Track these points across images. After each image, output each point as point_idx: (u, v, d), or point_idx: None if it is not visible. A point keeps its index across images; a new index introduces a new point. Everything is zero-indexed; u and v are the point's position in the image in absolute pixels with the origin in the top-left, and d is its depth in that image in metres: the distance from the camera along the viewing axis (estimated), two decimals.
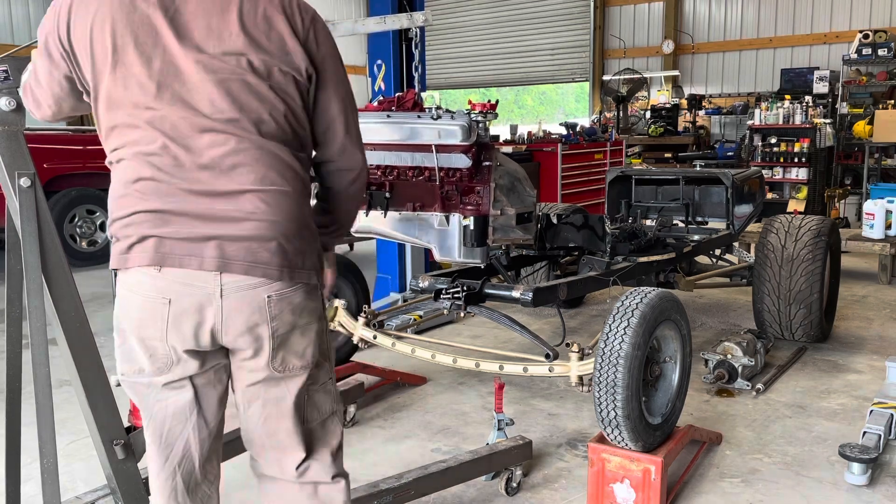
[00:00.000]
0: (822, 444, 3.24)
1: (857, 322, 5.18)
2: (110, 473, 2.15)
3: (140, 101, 1.52)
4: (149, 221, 1.51)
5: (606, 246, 3.81)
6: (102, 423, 2.12)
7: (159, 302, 1.53)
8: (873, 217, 6.36)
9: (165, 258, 1.51)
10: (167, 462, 1.63)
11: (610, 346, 2.54)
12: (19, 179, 1.89)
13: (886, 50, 10.24)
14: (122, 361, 1.63)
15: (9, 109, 1.88)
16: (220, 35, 1.55)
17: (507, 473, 2.82)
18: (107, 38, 1.52)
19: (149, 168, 1.52)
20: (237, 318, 1.55)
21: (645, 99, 12.46)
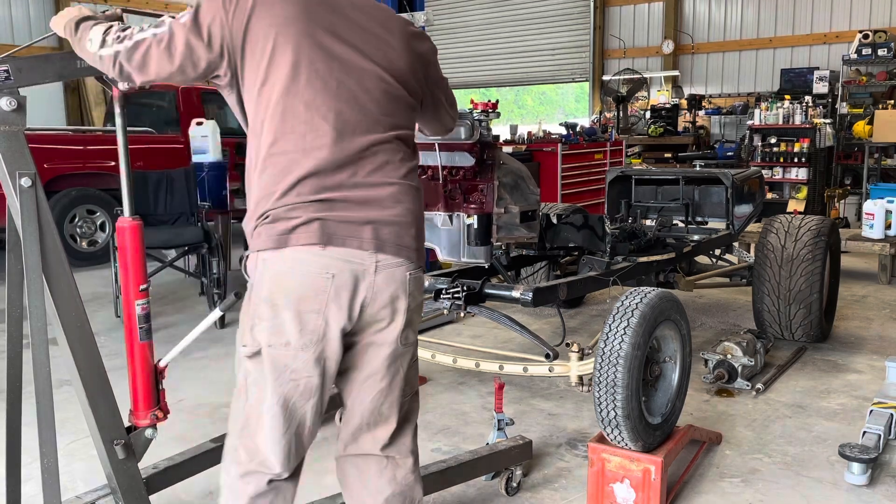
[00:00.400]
0: (822, 444, 3.25)
1: (857, 322, 5.18)
2: (111, 473, 2.16)
3: (312, 102, 1.74)
4: (314, 206, 1.71)
5: (606, 246, 3.81)
6: (103, 423, 2.12)
7: (323, 276, 1.71)
8: (873, 217, 6.36)
9: (331, 238, 1.71)
10: (285, 431, 1.79)
11: (610, 346, 2.54)
12: (20, 179, 1.89)
13: (886, 50, 10.24)
14: (270, 334, 1.74)
15: (10, 109, 1.87)
16: (382, 51, 1.83)
17: (507, 473, 2.82)
18: (290, 42, 1.73)
19: (314, 161, 1.72)
20: (384, 292, 1.78)
21: (645, 99, 12.46)
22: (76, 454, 3.23)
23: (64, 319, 2.03)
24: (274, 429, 1.78)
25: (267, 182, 1.75)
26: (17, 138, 1.90)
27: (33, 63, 1.94)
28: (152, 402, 2.30)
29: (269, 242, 1.73)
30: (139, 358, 2.28)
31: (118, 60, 1.76)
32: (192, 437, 3.23)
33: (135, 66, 1.75)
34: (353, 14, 1.82)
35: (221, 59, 1.76)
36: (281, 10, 1.74)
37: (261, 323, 1.76)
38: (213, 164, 6.43)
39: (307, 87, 1.73)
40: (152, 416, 2.29)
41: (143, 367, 2.29)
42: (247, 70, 1.77)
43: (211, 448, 2.75)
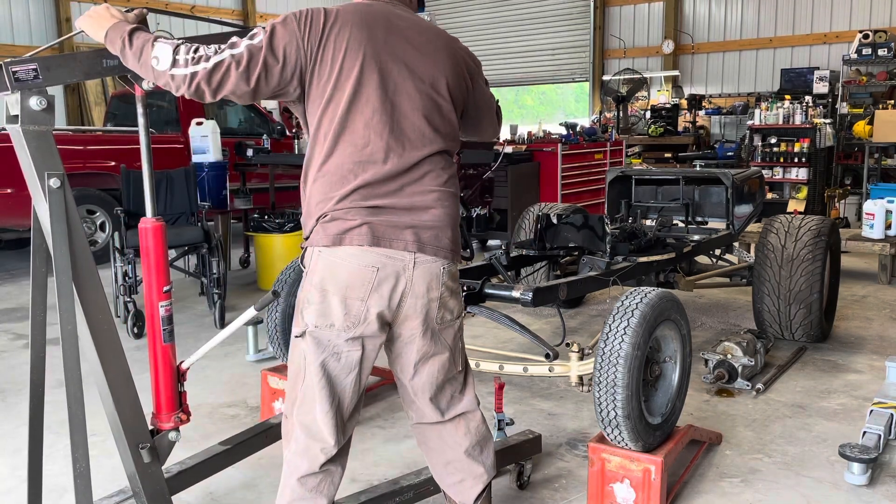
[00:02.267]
0: (822, 444, 3.25)
1: (857, 322, 5.18)
2: (135, 477, 2.14)
3: (370, 121, 1.96)
4: (366, 211, 1.97)
5: (606, 246, 3.81)
6: (129, 427, 2.11)
7: (369, 270, 1.97)
8: (873, 217, 6.36)
9: (378, 240, 1.96)
10: (331, 402, 2.03)
11: (610, 346, 2.54)
12: (49, 180, 1.88)
13: (886, 50, 10.24)
14: (317, 316, 1.99)
15: (39, 109, 1.85)
16: (432, 70, 2.05)
17: (519, 468, 2.86)
18: (356, 66, 1.94)
19: (370, 174, 1.96)
20: (421, 284, 2.04)
21: (645, 99, 12.46)
22: None
23: (92, 322, 2.00)
24: (323, 400, 2.01)
25: (327, 188, 1.98)
26: (46, 138, 1.88)
27: (61, 62, 1.92)
28: (175, 405, 2.29)
29: (325, 240, 1.97)
30: (162, 360, 2.27)
31: (196, 81, 1.87)
32: (191, 438, 3.23)
33: (213, 86, 1.88)
34: (409, 34, 2.04)
35: (293, 80, 1.95)
36: (351, 34, 1.94)
37: (309, 306, 2.00)
38: (213, 164, 6.44)
39: (367, 107, 1.95)
40: (175, 419, 2.28)
41: (166, 370, 2.28)
42: (314, 87, 1.97)
43: (221, 451, 2.73)
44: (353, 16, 1.98)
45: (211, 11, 13.46)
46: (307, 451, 2.05)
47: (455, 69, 2.12)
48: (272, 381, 3.45)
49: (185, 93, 1.89)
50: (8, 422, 3.57)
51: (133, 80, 2.06)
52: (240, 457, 2.81)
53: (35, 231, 2.02)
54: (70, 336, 1.93)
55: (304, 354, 2.02)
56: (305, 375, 2.02)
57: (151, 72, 1.89)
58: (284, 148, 8.15)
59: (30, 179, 1.90)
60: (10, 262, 7.92)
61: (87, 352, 2.04)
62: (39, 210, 1.95)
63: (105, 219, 7.48)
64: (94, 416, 3.37)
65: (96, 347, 2.02)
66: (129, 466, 2.15)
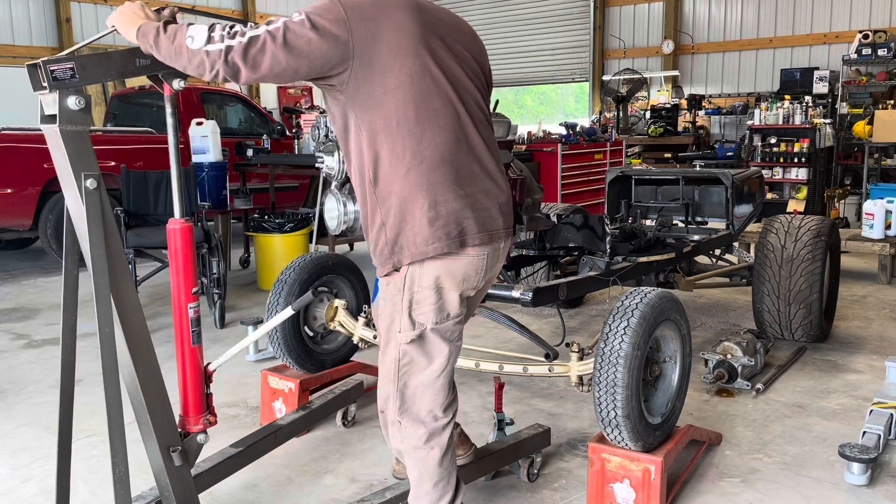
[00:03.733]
0: (822, 444, 3.25)
1: (856, 322, 5.19)
2: (165, 479, 2.12)
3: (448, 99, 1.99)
4: (468, 201, 2.03)
5: (606, 246, 3.81)
6: (160, 430, 2.08)
7: (481, 259, 2.07)
8: (873, 217, 6.36)
9: (490, 237, 2.07)
10: (452, 384, 2.18)
11: (610, 346, 2.54)
12: (86, 181, 1.85)
13: (886, 50, 10.24)
14: (436, 313, 2.05)
15: (77, 108, 1.83)
16: (471, 62, 2.10)
17: (529, 461, 2.92)
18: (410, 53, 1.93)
19: (460, 155, 2.02)
20: (503, 257, 2.21)
21: (645, 99, 12.47)
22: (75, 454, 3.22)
23: (125, 325, 1.98)
24: (447, 385, 2.13)
25: (425, 180, 1.97)
26: (84, 138, 1.86)
27: (97, 61, 1.90)
28: (203, 407, 2.28)
29: (443, 247, 1.99)
30: (190, 362, 2.25)
31: (230, 56, 1.79)
32: None
33: (249, 62, 1.80)
34: (452, 22, 2.09)
35: (341, 59, 1.87)
36: (403, 21, 1.92)
37: (423, 306, 2.04)
38: (213, 164, 6.45)
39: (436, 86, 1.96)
40: (204, 421, 2.26)
41: (193, 372, 2.25)
42: (367, 70, 1.89)
43: (234, 454, 2.71)
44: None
45: (211, 11, 13.46)
46: (438, 436, 2.12)
47: (483, 63, 2.18)
48: (272, 381, 3.45)
49: (221, 70, 1.80)
50: (8, 422, 3.57)
51: (163, 78, 2.04)
52: (251, 459, 2.80)
53: (68, 233, 1.99)
54: (108, 338, 1.91)
55: (403, 357, 2.08)
56: (429, 369, 2.09)
57: (186, 53, 1.82)
58: (284, 148, 8.16)
59: (65, 180, 1.87)
60: (10, 262, 7.92)
61: (120, 354, 2.01)
62: (74, 211, 1.91)
63: None
64: (94, 416, 3.38)
65: (129, 350, 1.99)
66: (159, 469, 2.12)
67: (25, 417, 3.64)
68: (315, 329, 3.48)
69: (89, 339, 4.95)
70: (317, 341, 3.51)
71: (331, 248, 5.90)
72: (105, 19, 2.25)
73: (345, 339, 3.54)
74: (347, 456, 3.17)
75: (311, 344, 3.46)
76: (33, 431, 3.45)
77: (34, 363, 4.49)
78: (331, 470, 3.05)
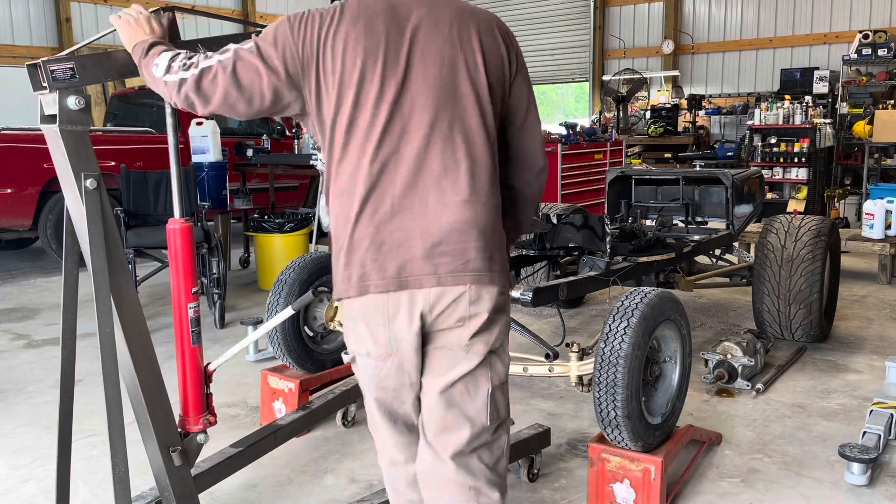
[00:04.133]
0: (822, 444, 3.25)
1: (856, 322, 5.18)
2: (165, 479, 2.11)
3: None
4: None
5: (606, 246, 3.81)
6: (160, 430, 2.08)
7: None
8: (873, 217, 6.36)
9: None
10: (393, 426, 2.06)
11: (610, 346, 2.54)
12: (86, 181, 1.85)
13: (886, 50, 10.24)
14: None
15: (77, 108, 1.82)
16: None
17: (529, 461, 2.93)
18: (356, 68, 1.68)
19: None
20: None
21: (645, 99, 12.46)
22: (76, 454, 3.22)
23: (125, 324, 1.97)
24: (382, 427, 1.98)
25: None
26: (83, 138, 1.86)
27: (97, 61, 1.89)
28: (203, 407, 2.28)
29: None
30: (190, 362, 2.24)
31: (183, 89, 1.70)
32: None
33: (202, 95, 1.69)
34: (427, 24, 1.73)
35: (290, 88, 1.70)
36: (351, 36, 1.68)
37: None
38: (213, 164, 6.44)
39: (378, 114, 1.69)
40: (204, 421, 2.26)
41: (193, 372, 2.25)
42: (322, 98, 1.71)
43: (234, 454, 2.70)
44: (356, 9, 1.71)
45: (211, 11, 13.45)
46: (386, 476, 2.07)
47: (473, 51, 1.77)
48: (272, 381, 3.45)
49: (177, 101, 1.74)
50: (8, 422, 3.57)
51: None
52: (251, 459, 2.79)
53: (68, 232, 1.98)
54: (108, 338, 1.91)
55: None
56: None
57: (151, 80, 1.78)
58: (284, 148, 8.16)
59: (65, 180, 1.87)
60: (10, 262, 7.92)
61: (120, 354, 2.00)
62: (74, 211, 1.91)
63: None
64: (94, 416, 3.38)
65: (129, 350, 1.99)
66: (159, 469, 2.11)
67: (25, 417, 3.64)
68: (315, 329, 3.48)
69: (89, 339, 4.95)
70: (317, 341, 3.51)
71: (331, 249, 5.89)
72: (105, 19, 2.24)
73: (339, 344, 3.54)
74: (347, 456, 3.17)
75: (310, 344, 3.46)
76: (33, 431, 3.45)
77: (34, 363, 4.49)
78: (331, 470, 3.05)
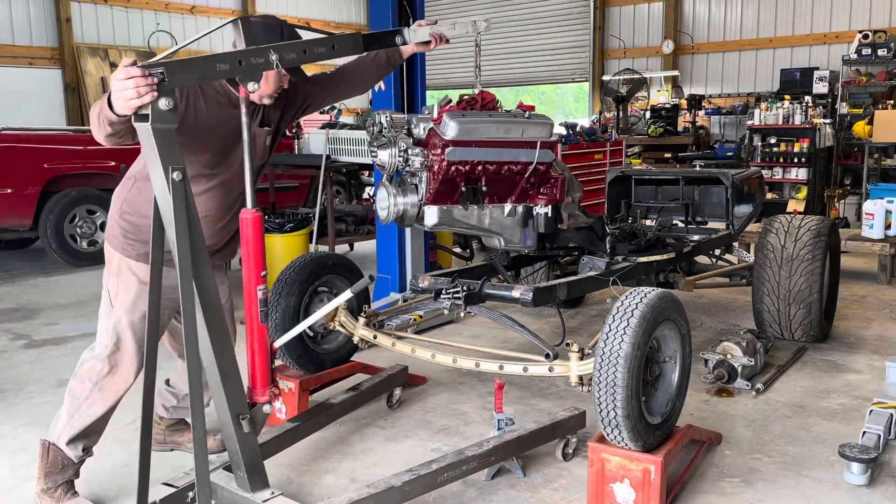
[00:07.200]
0: (821, 444, 3.25)
1: (856, 322, 5.19)
2: (235, 446, 2.35)
3: None
4: None
5: (606, 246, 3.81)
6: (233, 400, 2.30)
7: None
8: (873, 217, 6.36)
9: None
10: None
11: (610, 346, 2.54)
12: (173, 173, 2.05)
13: (886, 50, 10.24)
14: None
15: (167, 109, 2.01)
16: None
17: (564, 441, 3.09)
18: None
19: None
20: None
21: (645, 99, 12.45)
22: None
23: (204, 304, 2.17)
24: None
25: None
26: (171, 135, 2.07)
27: (182, 66, 2.07)
28: (269, 380, 2.54)
29: None
30: (258, 339, 2.50)
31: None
32: None
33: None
34: None
35: None
36: None
37: None
38: None
39: None
40: (270, 393, 2.53)
41: (261, 348, 2.52)
42: None
43: (290, 428, 2.96)
44: None
45: (211, 11, 13.46)
46: None
47: None
48: None
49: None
50: (8, 422, 3.57)
51: (240, 81, 2.23)
52: (305, 434, 3.06)
53: (155, 220, 2.17)
54: (190, 314, 2.11)
55: None
56: None
57: None
58: (284, 148, 8.14)
59: (154, 173, 2.08)
60: (10, 262, 7.92)
61: (201, 330, 2.21)
62: (161, 201, 2.11)
63: (105, 219, 7.49)
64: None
65: (207, 326, 2.19)
66: (229, 435, 2.34)
67: (25, 417, 3.64)
68: (315, 329, 3.48)
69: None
70: (317, 341, 3.51)
71: (331, 248, 5.90)
72: (105, 19, 2.31)
73: (345, 339, 3.54)
74: (348, 456, 3.17)
75: (311, 344, 3.46)
76: (33, 431, 3.45)
77: (34, 363, 4.49)
78: (331, 470, 3.05)
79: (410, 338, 3.48)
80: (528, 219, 3.39)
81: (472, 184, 3.16)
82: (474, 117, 3.07)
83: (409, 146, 2.99)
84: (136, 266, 2.62)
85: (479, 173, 3.15)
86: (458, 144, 3.01)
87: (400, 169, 3.03)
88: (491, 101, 3.24)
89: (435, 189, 3.05)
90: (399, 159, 2.98)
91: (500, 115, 3.18)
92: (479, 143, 3.08)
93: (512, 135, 3.17)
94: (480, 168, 3.14)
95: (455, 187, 3.11)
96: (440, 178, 3.02)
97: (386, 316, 3.63)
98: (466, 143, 3.03)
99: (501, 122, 3.15)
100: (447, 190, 3.10)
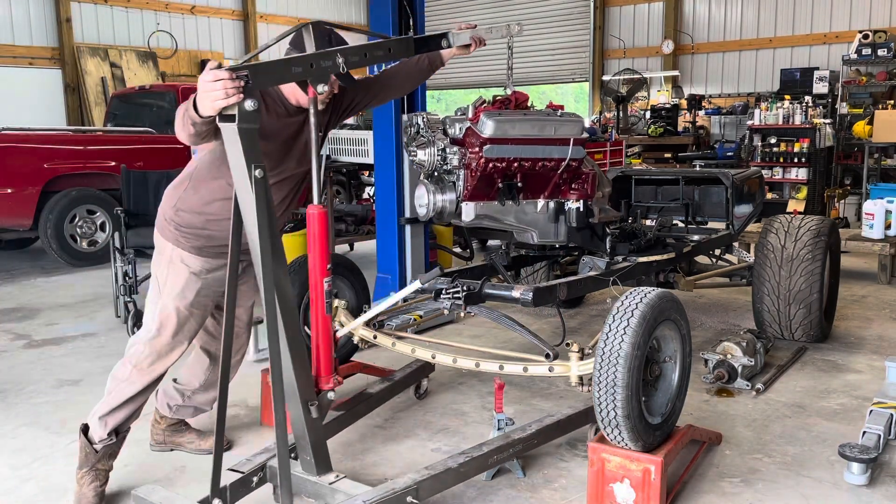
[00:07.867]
0: (821, 444, 3.25)
1: (856, 322, 5.19)
2: (303, 430, 2.47)
3: None
4: None
5: (606, 246, 3.81)
6: (303, 387, 2.43)
7: None
8: (873, 217, 6.36)
9: None
10: None
11: (610, 346, 2.54)
12: (255, 171, 2.16)
13: (886, 50, 10.25)
14: None
15: (251, 109, 2.11)
16: None
17: (595, 426, 3.03)
18: None
19: None
20: None
21: (645, 99, 12.46)
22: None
23: (280, 294, 2.29)
24: None
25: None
26: (254, 135, 2.17)
27: (262, 69, 2.20)
28: (332, 369, 2.65)
29: None
30: (322, 329, 2.61)
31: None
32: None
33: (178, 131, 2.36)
34: None
35: None
36: None
37: None
38: None
39: None
40: (333, 381, 2.63)
41: (325, 337, 2.62)
42: None
43: (336, 416, 3.07)
44: None
45: (211, 11, 13.46)
46: None
47: None
48: None
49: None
50: (8, 422, 3.57)
51: (311, 83, 2.35)
52: (349, 422, 3.18)
53: (234, 215, 2.28)
54: (271, 303, 2.25)
55: None
56: None
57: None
58: None
59: (237, 170, 2.19)
60: (10, 262, 7.92)
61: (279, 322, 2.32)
62: (242, 197, 2.22)
63: (105, 219, 7.49)
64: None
65: (282, 317, 2.31)
66: (298, 419, 2.47)
67: (25, 417, 3.64)
68: None
69: (90, 339, 4.95)
70: None
71: (331, 248, 5.89)
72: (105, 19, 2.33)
73: (345, 339, 3.54)
74: (347, 456, 3.17)
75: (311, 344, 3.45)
76: (33, 431, 3.45)
77: (34, 363, 4.49)
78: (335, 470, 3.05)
79: (410, 338, 3.47)
80: (561, 214, 3.51)
81: (508, 180, 3.26)
82: (510, 116, 3.20)
83: (446, 145, 3.13)
84: (188, 257, 2.76)
85: (515, 170, 3.25)
86: (495, 142, 3.12)
87: (437, 167, 3.15)
88: (524, 101, 3.36)
89: (473, 186, 3.16)
90: (437, 158, 3.12)
91: (534, 114, 3.31)
92: (515, 140, 3.19)
93: (546, 132, 3.29)
94: (516, 165, 3.24)
95: (492, 184, 3.21)
96: (478, 175, 3.13)
97: (386, 316, 3.63)
98: (503, 140, 3.14)
99: (535, 120, 3.28)
100: (484, 186, 3.20)
